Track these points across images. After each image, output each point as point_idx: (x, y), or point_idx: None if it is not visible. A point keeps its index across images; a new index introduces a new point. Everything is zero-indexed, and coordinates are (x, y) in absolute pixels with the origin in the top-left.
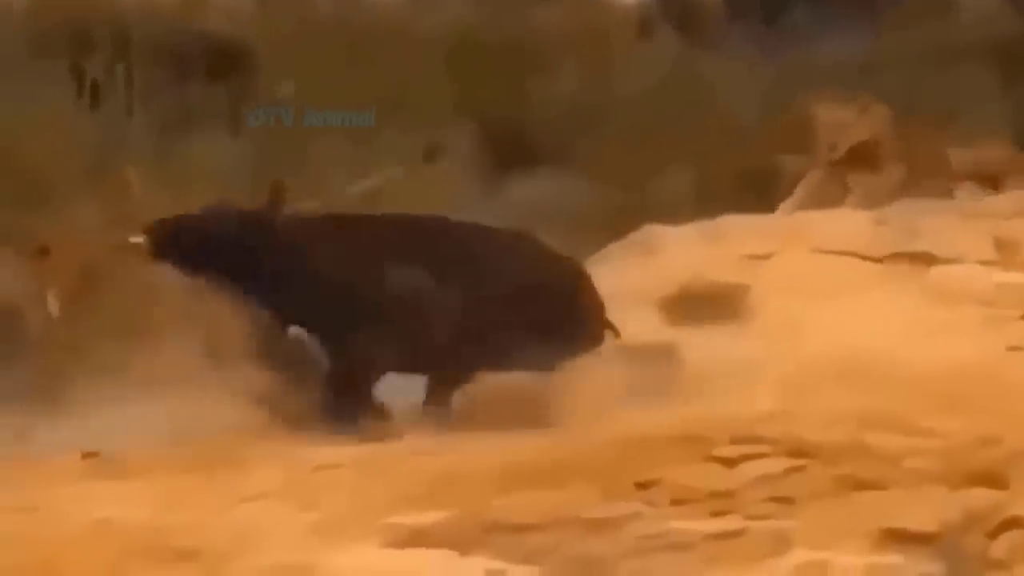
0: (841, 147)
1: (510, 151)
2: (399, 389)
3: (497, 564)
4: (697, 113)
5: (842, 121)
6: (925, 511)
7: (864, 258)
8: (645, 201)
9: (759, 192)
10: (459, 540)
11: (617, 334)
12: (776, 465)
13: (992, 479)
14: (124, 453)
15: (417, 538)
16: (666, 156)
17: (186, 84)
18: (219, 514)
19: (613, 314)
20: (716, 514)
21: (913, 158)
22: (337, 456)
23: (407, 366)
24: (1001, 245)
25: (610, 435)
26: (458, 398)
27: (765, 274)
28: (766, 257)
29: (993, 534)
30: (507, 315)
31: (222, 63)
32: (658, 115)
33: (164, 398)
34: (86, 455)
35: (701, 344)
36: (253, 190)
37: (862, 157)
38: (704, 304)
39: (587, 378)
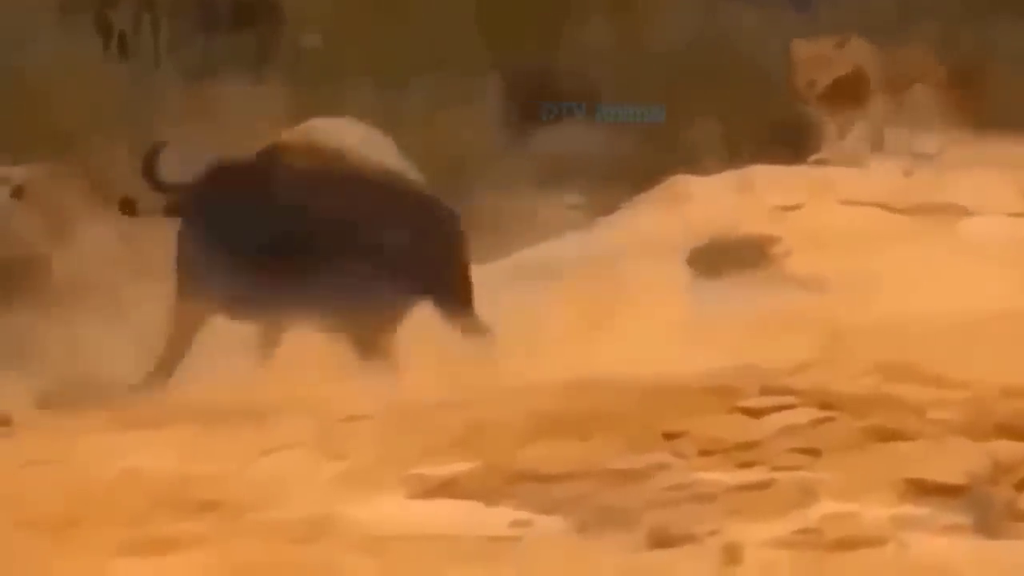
0: (820, 83)
1: (539, 102)
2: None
3: (523, 514)
4: (726, 64)
5: (820, 56)
6: (952, 463)
7: (892, 210)
8: (674, 152)
9: (788, 143)
10: (485, 490)
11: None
12: (803, 416)
13: (1019, 431)
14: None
15: (443, 489)
16: (695, 107)
17: (212, 34)
18: (245, 464)
19: (644, 264)
20: (743, 465)
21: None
22: (364, 406)
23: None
24: None
25: (637, 385)
26: None
27: (794, 225)
28: (795, 208)
29: (1021, 485)
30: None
31: (247, 13)
32: (687, 66)
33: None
34: None
35: (729, 295)
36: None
37: (844, 92)
38: (733, 255)
39: None
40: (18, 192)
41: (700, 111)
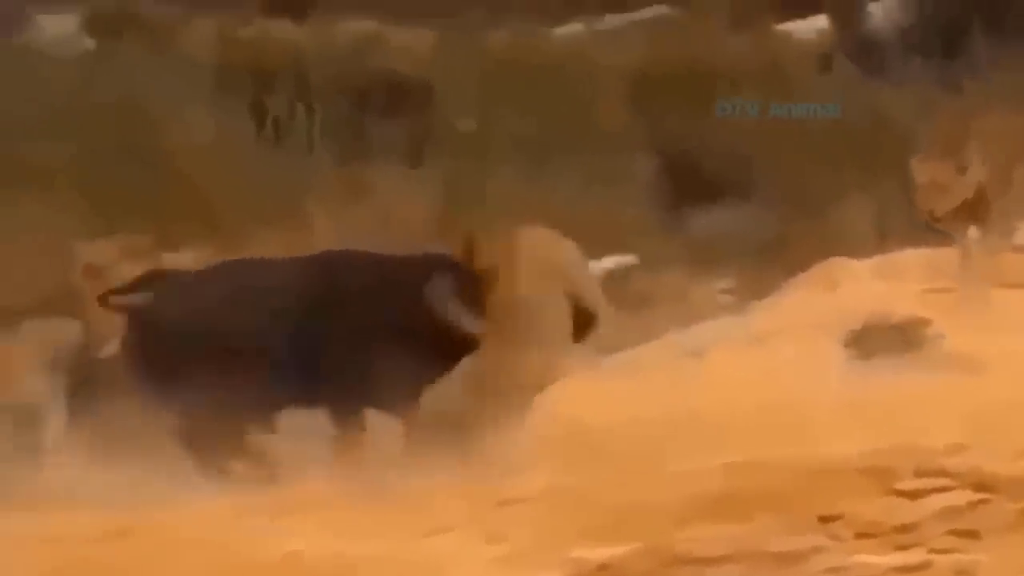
0: (940, 210)
1: (691, 182)
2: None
3: None
4: (876, 144)
5: (939, 184)
6: None
7: None
8: (826, 234)
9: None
10: (643, 573)
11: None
12: (960, 498)
13: None
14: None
15: (601, 571)
16: (846, 188)
17: (365, 119)
18: (404, 547)
19: (799, 345)
20: (900, 548)
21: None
22: (521, 489)
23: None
24: None
25: (793, 467)
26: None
27: (946, 307)
28: (947, 291)
29: None
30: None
31: (400, 97)
32: (837, 147)
33: None
34: None
35: (883, 376)
36: (432, 223)
37: (967, 213)
38: (887, 337)
39: None
40: None
41: (852, 191)
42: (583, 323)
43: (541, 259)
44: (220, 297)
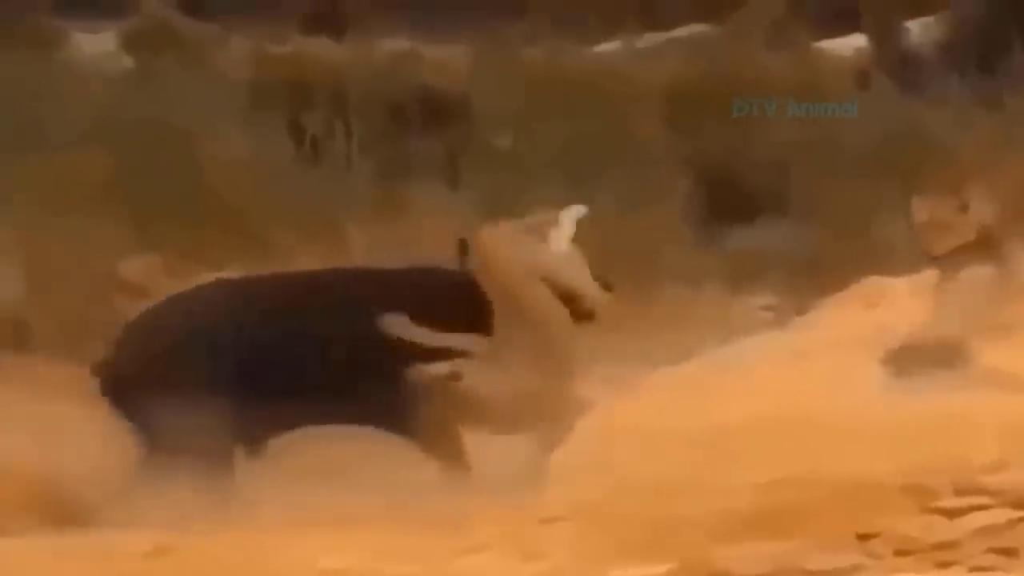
0: (938, 251)
1: (729, 199)
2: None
3: None
4: (915, 161)
5: (939, 222)
6: None
7: None
8: (866, 251)
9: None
10: None
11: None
12: (1000, 516)
13: None
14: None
15: None
16: (885, 205)
17: (403, 136)
18: (440, 566)
19: (838, 362)
20: (939, 566)
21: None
22: (558, 507)
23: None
24: None
25: (831, 484)
26: None
27: (987, 324)
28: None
29: None
30: None
31: (438, 115)
32: (875, 164)
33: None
34: None
35: (921, 393)
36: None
37: (965, 256)
38: (927, 354)
39: None
40: None
41: (892, 209)
42: (576, 307)
43: (506, 257)
44: (213, 315)
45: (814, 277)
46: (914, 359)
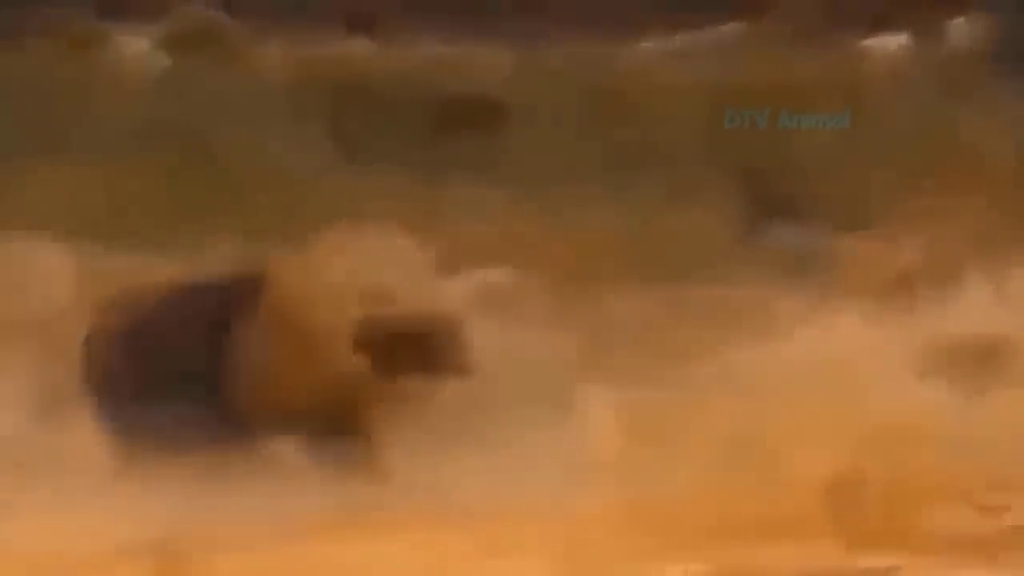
0: (865, 284)
1: (767, 200)
2: None
3: None
4: (957, 163)
5: (868, 256)
6: None
7: None
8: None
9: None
10: None
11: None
12: None
13: None
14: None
15: None
16: (925, 207)
17: (439, 136)
18: (475, 568)
19: (880, 362)
20: (981, 563)
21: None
22: (594, 507)
23: None
24: None
25: (871, 482)
26: None
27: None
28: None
29: None
30: None
31: (474, 114)
32: (917, 165)
33: None
34: None
35: (964, 394)
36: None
37: (892, 291)
38: (967, 355)
39: None
40: None
41: (930, 211)
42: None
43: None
44: (173, 318)
45: (855, 278)
46: (955, 359)
